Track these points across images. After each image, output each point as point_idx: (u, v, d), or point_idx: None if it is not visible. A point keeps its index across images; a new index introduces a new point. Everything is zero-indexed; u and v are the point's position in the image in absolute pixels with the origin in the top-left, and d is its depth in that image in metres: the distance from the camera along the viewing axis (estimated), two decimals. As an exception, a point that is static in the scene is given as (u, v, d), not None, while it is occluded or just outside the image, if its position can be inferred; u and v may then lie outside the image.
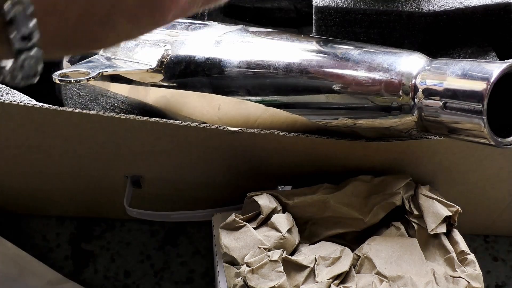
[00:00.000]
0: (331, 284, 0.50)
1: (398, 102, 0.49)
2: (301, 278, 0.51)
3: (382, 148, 0.54)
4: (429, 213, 0.53)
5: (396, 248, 0.52)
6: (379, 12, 0.60)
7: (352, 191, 0.55)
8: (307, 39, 0.55)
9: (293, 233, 0.53)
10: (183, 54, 0.58)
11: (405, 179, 0.56)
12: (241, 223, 0.53)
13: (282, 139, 0.53)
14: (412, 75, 0.49)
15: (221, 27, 0.59)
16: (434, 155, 0.56)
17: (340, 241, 0.54)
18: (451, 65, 0.47)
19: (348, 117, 0.52)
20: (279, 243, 0.52)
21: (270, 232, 0.52)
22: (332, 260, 0.51)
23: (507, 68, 0.45)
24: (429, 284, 0.50)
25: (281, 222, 0.53)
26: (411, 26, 0.60)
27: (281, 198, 0.55)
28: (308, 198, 0.55)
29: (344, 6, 0.60)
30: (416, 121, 0.49)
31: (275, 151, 0.55)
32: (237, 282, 0.51)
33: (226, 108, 0.55)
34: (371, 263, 0.52)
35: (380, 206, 0.55)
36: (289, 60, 0.53)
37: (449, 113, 0.46)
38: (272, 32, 0.57)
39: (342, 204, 0.55)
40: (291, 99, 0.53)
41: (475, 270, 0.51)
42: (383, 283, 0.50)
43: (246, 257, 0.51)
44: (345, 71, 0.51)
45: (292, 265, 0.51)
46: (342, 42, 0.54)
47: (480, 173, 0.59)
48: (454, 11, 0.60)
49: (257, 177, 0.59)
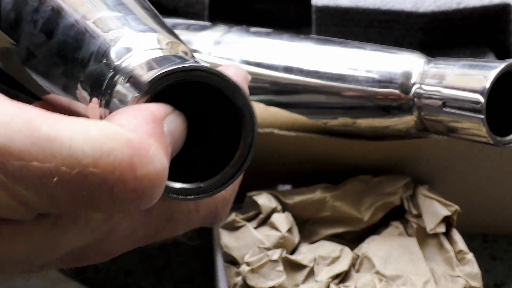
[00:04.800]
0: (331, 284, 0.50)
1: (397, 102, 0.49)
2: (301, 278, 0.51)
3: (381, 148, 0.54)
4: (428, 213, 0.54)
5: (395, 248, 0.53)
6: (378, 11, 0.60)
7: (351, 190, 0.55)
8: (307, 39, 0.55)
9: (293, 232, 0.53)
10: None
11: (404, 179, 0.56)
12: (241, 223, 0.53)
13: (282, 139, 0.53)
14: (411, 74, 0.49)
15: (221, 28, 0.59)
16: (433, 154, 0.56)
17: (340, 241, 0.54)
18: (450, 64, 0.47)
19: (348, 117, 0.52)
20: (279, 242, 0.52)
21: (270, 231, 0.52)
22: (332, 260, 0.52)
23: (507, 67, 0.45)
24: (428, 283, 0.50)
25: (281, 222, 0.53)
26: (410, 26, 0.61)
27: (281, 198, 0.55)
28: (308, 197, 0.55)
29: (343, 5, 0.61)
30: (415, 121, 0.50)
31: (275, 151, 0.55)
32: (237, 281, 0.51)
33: (226, 108, 0.55)
34: (371, 263, 0.52)
35: (379, 205, 0.55)
36: (289, 60, 0.53)
37: (448, 112, 0.46)
38: (272, 32, 0.57)
39: (342, 203, 0.55)
40: (291, 99, 0.53)
41: (474, 270, 0.51)
42: (382, 282, 0.50)
43: (246, 257, 0.51)
44: (344, 71, 0.51)
45: (292, 264, 0.51)
46: (341, 42, 0.54)
47: (480, 172, 0.59)
48: (452, 12, 0.60)
49: (256, 176, 0.59)
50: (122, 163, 0.24)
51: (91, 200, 0.24)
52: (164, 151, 0.26)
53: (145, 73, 0.28)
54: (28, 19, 0.33)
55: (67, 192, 0.23)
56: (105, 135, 0.24)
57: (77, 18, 0.32)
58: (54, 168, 0.23)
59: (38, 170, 0.23)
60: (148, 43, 0.31)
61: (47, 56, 0.32)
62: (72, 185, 0.23)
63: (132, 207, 0.25)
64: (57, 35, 0.32)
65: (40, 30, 0.33)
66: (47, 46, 0.32)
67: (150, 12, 0.34)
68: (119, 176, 0.24)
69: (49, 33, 0.32)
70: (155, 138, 0.25)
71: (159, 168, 0.25)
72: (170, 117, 0.27)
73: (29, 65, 0.34)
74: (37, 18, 0.33)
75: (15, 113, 0.23)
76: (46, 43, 0.32)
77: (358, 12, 0.61)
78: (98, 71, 0.30)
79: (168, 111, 0.27)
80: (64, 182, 0.23)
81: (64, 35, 0.32)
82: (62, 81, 0.32)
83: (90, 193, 0.23)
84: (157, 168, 0.25)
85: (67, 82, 0.32)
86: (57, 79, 0.32)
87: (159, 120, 0.26)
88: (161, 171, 0.25)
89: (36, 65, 0.33)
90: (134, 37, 0.31)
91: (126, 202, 0.24)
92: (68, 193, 0.23)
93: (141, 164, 0.24)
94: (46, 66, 0.33)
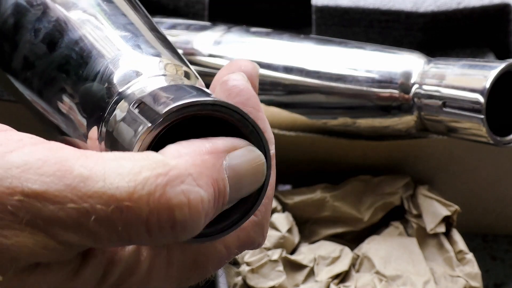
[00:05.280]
0: (331, 284, 0.50)
1: (397, 101, 0.49)
2: (301, 278, 0.51)
3: (381, 148, 0.54)
4: (428, 213, 0.54)
5: (395, 248, 0.53)
6: (378, 11, 0.60)
7: (351, 190, 0.55)
8: (307, 39, 0.55)
9: (293, 232, 0.53)
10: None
11: (404, 179, 0.56)
12: (241, 223, 0.53)
13: (282, 139, 0.53)
14: (411, 74, 0.49)
15: (221, 28, 0.59)
16: (433, 154, 0.56)
17: (340, 241, 0.55)
18: (450, 64, 0.47)
19: (348, 117, 0.52)
20: (279, 242, 0.52)
21: (270, 231, 0.52)
22: (332, 260, 0.52)
23: (507, 67, 0.45)
24: (428, 283, 0.50)
25: (281, 222, 0.53)
26: (410, 26, 0.61)
27: (281, 198, 0.55)
28: (308, 197, 0.55)
29: (343, 5, 0.61)
30: (415, 120, 0.50)
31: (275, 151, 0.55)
32: (237, 281, 0.51)
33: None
34: (370, 263, 0.52)
35: (379, 205, 0.55)
36: (289, 60, 0.53)
37: (448, 112, 0.47)
38: (272, 32, 0.57)
39: (342, 203, 0.55)
40: (291, 99, 0.53)
41: (474, 270, 0.51)
42: (382, 282, 0.50)
43: (246, 257, 0.51)
44: (344, 71, 0.51)
45: (292, 264, 0.51)
46: (341, 42, 0.54)
47: (479, 172, 0.59)
48: (452, 12, 0.61)
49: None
50: (156, 193, 0.23)
51: (129, 233, 0.23)
52: (207, 182, 0.24)
53: (156, 104, 0.26)
54: (28, 27, 0.32)
55: (105, 229, 0.23)
56: (139, 166, 0.23)
57: (83, 34, 0.31)
58: (90, 207, 0.23)
59: (75, 211, 0.23)
60: (153, 69, 0.30)
61: (47, 69, 0.31)
62: (109, 222, 0.23)
63: (169, 238, 0.24)
64: (60, 48, 0.31)
65: (42, 40, 0.32)
66: (47, 58, 0.31)
67: (157, 33, 0.33)
68: (153, 207, 0.23)
69: (52, 45, 0.31)
70: (200, 168, 0.24)
71: (193, 199, 0.24)
72: (239, 152, 0.26)
73: (23, 76, 0.33)
74: (39, 27, 0.32)
75: (47, 156, 0.23)
76: (47, 55, 0.31)
77: (358, 12, 0.61)
78: (99, 96, 0.29)
79: (236, 145, 0.26)
80: (101, 219, 0.23)
81: (68, 50, 0.31)
82: (58, 98, 0.31)
83: (127, 226, 0.23)
84: (190, 199, 0.23)
85: (63, 101, 0.31)
86: (53, 96, 0.31)
87: (216, 151, 0.25)
88: (194, 202, 0.24)
89: (32, 77, 0.32)
90: (139, 61, 0.30)
91: (161, 233, 0.24)
92: (106, 229, 0.23)
93: (174, 194, 0.23)
94: (44, 80, 0.32)
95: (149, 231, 0.23)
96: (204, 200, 0.24)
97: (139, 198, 0.23)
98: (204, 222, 0.25)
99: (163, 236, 0.24)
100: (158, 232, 0.23)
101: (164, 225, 0.23)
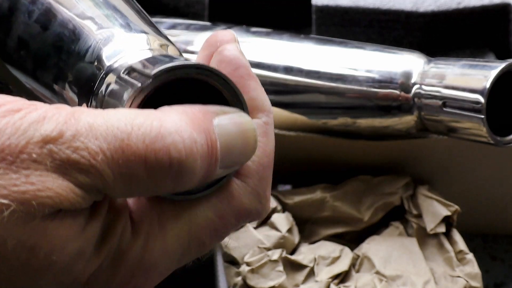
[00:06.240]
0: (331, 284, 0.50)
1: (397, 102, 0.49)
2: (301, 278, 0.51)
3: (381, 148, 0.54)
4: (428, 213, 0.54)
5: (395, 248, 0.53)
6: (378, 11, 0.60)
7: (351, 190, 0.55)
8: (307, 39, 0.55)
9: (293, 232, 0.53)
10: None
11: (404, 179, 0.56)
12: (241, 223, 0.53)
13: (282, 139, 0.53)
14: (411, 74, 0.49)
15: (221, 28, 0.59)
16: (433, 154, 0.56)
17: (340, 241, 0.55)
18: (450, 64, 0.47)
19: (348, 117, 0.52)
20: (279, 242, 0.52)
21: (270, 231, 0.52)
22: (332, 260, 0.52)
23: (507, 67, 0.45)
24: (428, 283, 0.50)
25: (281, 222, 0.53)
26: (410, 26, 0.61)
27: (281, 198, 0.55)
28: (308, 197, 0.55)
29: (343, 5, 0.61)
30: (415, 120, 0.50)
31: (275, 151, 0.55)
32: (237, 281, 0.51)
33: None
34: (371, 263, 0.52)
35: (379, 205, 0.55)
36: (289, 60, 0.53)
37: (448, 112, 0.47)
38: (272, 32, 0.57)
39: (342, 203, 0.55)
40: (291, 99, 0.53)
41: (474, 270, 0.51)
42: (382, 282, 0.50)
43: (246, 257, 0.51)
44: (344, 71, 0.51)
45: (292, 264, 0.51)
46: (341, 42, 0.54)
47: (480, 172, 0.59)
48: (452, 12, 0.61)
49: (256, 176, 0.59)
50: (151, 132, 0.25)
51: (131, 174, 0.25)
52: (199, 130, 0.26)
53: (145, 69, 0.28)
54: (23, 9, 0.34)
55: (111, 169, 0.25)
56: (134, 113, 0.26)
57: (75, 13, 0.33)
58: (97, 147, 0.25)
59: (86, 152, 0.25)
60: (139, 44, 0.31)
61: (40, 47, 0.33)
62: (113, 161, 0.25)
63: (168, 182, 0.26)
64: (54, 27, 0.33)
65: (36, 21, 0.33)
66: (41, 36, 0.33)
67: (141, 14, 0.35)
68: (149, 145, 0.25)
69: (45, 24, 0.33)
70: (191, 119, 0.26)
71: (186, 138, 0.25)
72: (227, 115, 0.27)
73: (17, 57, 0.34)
74: (33, 9, 0.33)
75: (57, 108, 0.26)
76: (40, 33, 0.33)
77: (358, 12, 0.61)
78: (89, 72, 0.31)
79: (225, 110, 0.28)
80: (107, 158, 0.25)
81: (60, 27, 0.32)
82: (50, 77, 0.32)
83: (128, 166, 0.25)
84: (184, 138, 0.25)
85: (55, 78, 0.32)
86: (45, 75, 0.33)
87: (206, 111, 0.27)
88: (188, 142, 0.25)
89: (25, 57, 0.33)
90: (126, 38, 0.31)
91: (160, 174, 0.25)
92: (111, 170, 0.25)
93: (168, 133, 0.25)
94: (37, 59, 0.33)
95: (148, 170, 0.25)
96: (197, 142, 0.26)
97: (136, 137, 0.25)
98: (200, 168, 0.26)
99: (161, 178, 0.25)
100: (157, 172, 0.25)
101: (162, 163, 0.25)
